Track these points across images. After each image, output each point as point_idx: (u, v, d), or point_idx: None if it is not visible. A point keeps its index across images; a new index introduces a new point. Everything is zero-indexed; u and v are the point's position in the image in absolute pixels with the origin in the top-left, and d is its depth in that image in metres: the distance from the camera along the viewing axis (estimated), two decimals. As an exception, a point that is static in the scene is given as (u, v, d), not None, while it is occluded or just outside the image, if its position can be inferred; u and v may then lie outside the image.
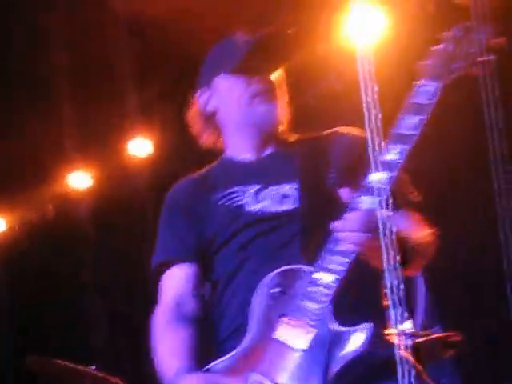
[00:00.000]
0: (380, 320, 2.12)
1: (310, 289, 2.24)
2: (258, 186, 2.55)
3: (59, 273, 6.42)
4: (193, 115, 2.72)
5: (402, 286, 1.90)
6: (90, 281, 6.37)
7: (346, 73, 4.72)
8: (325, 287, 2.22)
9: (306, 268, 2.30)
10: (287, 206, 2.49)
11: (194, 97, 2.72)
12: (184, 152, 2.88)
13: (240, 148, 2.65)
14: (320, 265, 2.24)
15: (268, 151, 2.64)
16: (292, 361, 2.24)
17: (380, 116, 1.97)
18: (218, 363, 2.38)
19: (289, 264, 2.36)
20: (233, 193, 2.56)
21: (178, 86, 5.55)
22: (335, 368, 2.20)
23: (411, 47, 4.38)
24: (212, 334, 2.51)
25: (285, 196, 2.51)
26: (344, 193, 2.40)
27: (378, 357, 2.19)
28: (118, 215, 6.16)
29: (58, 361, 4.15)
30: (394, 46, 4.53)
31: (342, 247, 2.23)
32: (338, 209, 2.31)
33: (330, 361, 2.21)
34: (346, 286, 2.21)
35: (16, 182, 6.28)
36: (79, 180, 6.30)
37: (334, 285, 2.20)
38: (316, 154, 2.60)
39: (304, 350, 2.23)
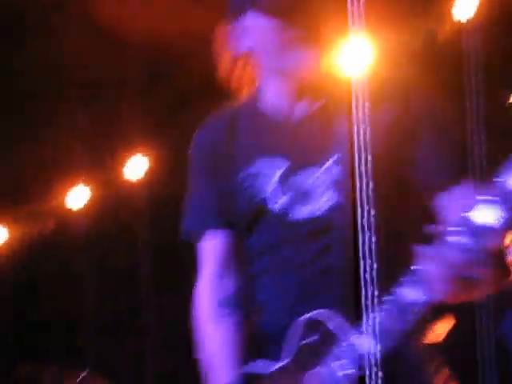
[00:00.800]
0: None
1: (342, 353, 2.03)
2: (283, 168, 2.24)
3: (55, 284, 6.50)
4: (221, 52, 2.41)
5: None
6: (84, 295, 6.41)
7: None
8: (358, 357, 1.98)
9: (344, 323, 2.07)
10: (313, 207, 2.19)
11: (223, 31, 2.41)
12: (182, 173, 2.87)
13: (272, 99, 2.35)
14: (363, 328, 1.98)
15: (303, 107, 2.32)
16: None
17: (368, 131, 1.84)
18: (254, 371, 2.23)
19: (317, 298, 2.15)
20: (257, 175, 2.27)
21: (179, 107, 5.76)
22: None
23: (398, 82, 4.61)
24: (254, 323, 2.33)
25: (313, 188, 2.20)
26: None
27: None
28: (115, 232, 6.26)
29: (50, 367, 4.37)
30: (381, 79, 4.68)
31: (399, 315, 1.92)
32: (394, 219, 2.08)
33: None
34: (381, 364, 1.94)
35: (19, 194, 6.44)
36: (79, 196, 6.36)
37: (368, 359, 1.94)
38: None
39: None
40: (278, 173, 2.26)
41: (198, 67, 3.61)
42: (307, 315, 2.12)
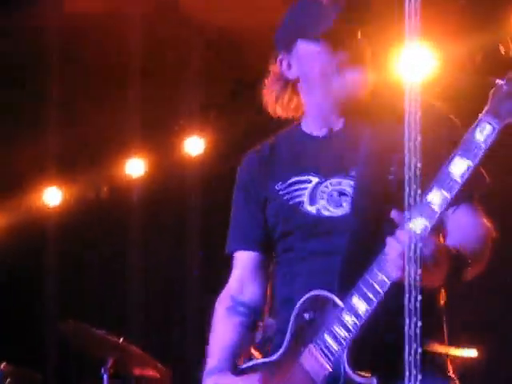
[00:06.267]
0: (391, 373, 2.10)
1: (334, 326, 2.23)
2: (316, 179, 2.44)
3: (105, 250, 6.71)
4: (271, 82, 2.58)
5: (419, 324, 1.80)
6: (133, 262, 6.59)
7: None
8: (346, 330, 2.20)
9: (337, 300, 2.26)
10: (342, 209, 2.39)
11: (274, 62, 2.56)
12: (236, 154, 2.91)
13: (313, 119, 2.52)
14: (347, 302, 2.21)
15: (340, 125, 2.48)
16: None
17: (419, 141, 1.83)
18: (249, 366, 2.48)
19: (327, 282, 2.32)
20: (292, 184, 2.48)
21: (236, 92, 5.96)
22: None
23: (458, 92, 4.56)
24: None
25: (342, 193, 2.40)
26: None
27: None
28: (166, 205, 6.39)
29: (91, 328, 4.39)
30: (441, 88, 4.57)
31: (375, 281, 2.15)
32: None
33: None
34: (366, 332, 2.20)
35: (79, 161, 6.70)
36: (134, 167, 6.55)
37: (354, 330, 2.19)
38: (384, 139, 2.36)
39: None
40: (310, 185, 2.45)
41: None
42: (306, 295, 2.34)
